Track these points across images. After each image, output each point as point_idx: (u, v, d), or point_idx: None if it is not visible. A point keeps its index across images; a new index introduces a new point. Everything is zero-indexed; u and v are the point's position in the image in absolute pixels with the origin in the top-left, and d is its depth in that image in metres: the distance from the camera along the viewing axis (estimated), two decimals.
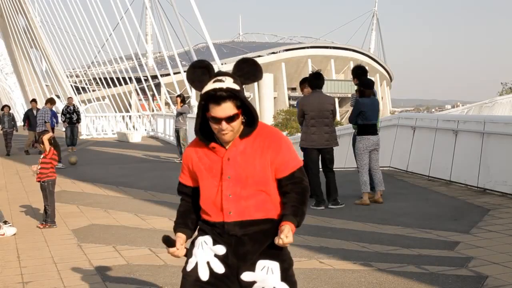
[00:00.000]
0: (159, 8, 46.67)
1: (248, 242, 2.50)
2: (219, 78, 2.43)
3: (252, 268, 2.50)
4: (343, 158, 12.63)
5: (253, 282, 2.51)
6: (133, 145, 21.76)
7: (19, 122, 24.45)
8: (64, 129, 18.73)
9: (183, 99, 15.11)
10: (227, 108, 2.41)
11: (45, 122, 13.97)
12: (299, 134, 8.99)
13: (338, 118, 72.25)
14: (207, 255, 2.54)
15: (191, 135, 18.23)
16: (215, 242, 2.54)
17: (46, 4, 45.08)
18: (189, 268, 2.57)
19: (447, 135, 9.67)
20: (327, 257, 5.09)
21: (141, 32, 40.50)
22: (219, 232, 2.53)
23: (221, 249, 2.52)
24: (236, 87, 2.43)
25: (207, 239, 2.56)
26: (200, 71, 2.48)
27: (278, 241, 2.41)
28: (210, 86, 2.42)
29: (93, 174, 11.96)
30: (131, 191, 9.57)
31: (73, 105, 18.58)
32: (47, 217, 6.82)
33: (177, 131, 14.88)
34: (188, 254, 2.60)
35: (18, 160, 15.16)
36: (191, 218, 2.66)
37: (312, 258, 5.02)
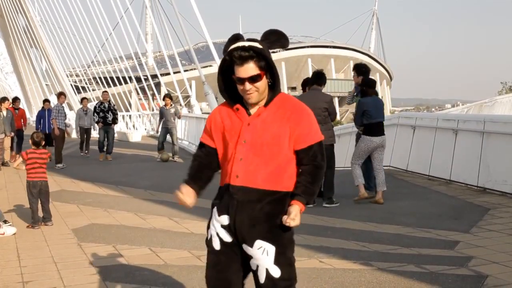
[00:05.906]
0: (159, 7, 46.80)
1: (248, 211, 2.54)
2: (242, 40, 2.52)
3: (250, 244, 2.56)
4: (343, 157, 12.62)
5: (251, 256, 2.59)
6: (133, 144, 21.73)
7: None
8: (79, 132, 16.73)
9: (171, 98, 15.39)
10: (249, 69, 2.48)
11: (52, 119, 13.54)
12: None
13: (338, 117, 72.02)
14: (215, 226, 2.64)
15: (194, 135, 18.22)
16: (220, 213, 2.62)
17: (46, 4, 45.19)
18: (208, 239, 2.70)
19: (447, 135, 9.67)
20: (327, 257, 5.09)
21: (141, 31, 40.55)
22: (225, 197, 2.59)
23: (225, 219, 2.60)
24: (259, 46, 2.49)
25: (215, 211, 2.65)
26: (231, 42, 2.55)
27: (286, 222, 2.48)
28: (232, 46, 2.50)
29: (93, 174, 11.96)
30: (131, 190, 9.56)
31: (108, 101, 15.22)
32: (44, 217, 6.83)
33: (170, 131, 14.99)
34: (208, 225, 2.73)
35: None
36: (198, 175, 2.72)
37: (312, 258, 5.02)
